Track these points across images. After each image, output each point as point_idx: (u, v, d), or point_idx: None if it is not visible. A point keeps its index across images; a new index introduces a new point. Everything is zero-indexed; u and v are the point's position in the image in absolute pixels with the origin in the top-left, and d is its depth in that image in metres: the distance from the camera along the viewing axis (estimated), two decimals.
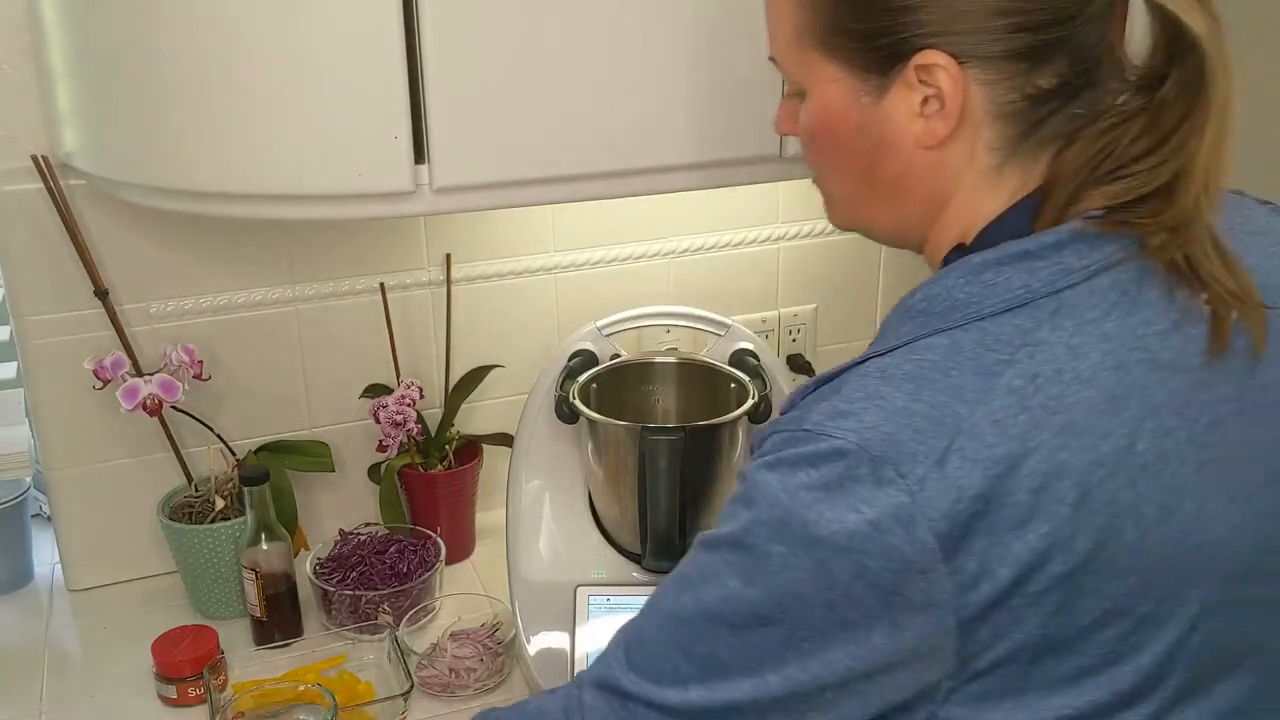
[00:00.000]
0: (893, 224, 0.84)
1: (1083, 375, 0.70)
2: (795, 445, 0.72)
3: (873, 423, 0.70)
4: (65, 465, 1.39)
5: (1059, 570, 0.69)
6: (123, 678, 1.28)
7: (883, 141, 0.78)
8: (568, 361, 1.29)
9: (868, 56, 0.76)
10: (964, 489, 0.67)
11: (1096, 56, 0.74)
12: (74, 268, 1.31)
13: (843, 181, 0.85)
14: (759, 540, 0.71)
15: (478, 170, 1.10)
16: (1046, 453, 0.68)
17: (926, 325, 0.74)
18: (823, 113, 0.81)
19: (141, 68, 1.08)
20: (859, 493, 0.68)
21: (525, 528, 1.28)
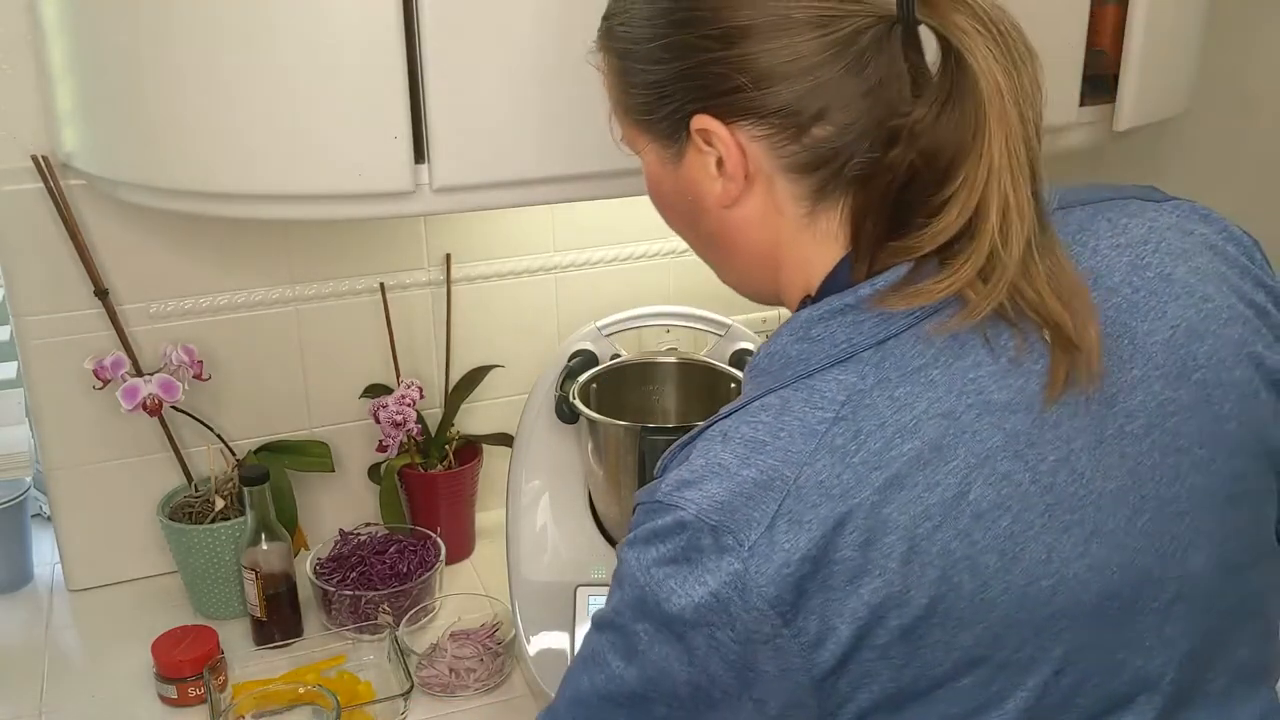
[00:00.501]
0: (741, 281, 0.86)
1: (906, 427, 0.69)
2: (649, 518, 0.72)
3: (711, 491, 0.70)
4: (65, 465, 1.39)
5: (897, 623, 0.68)
6: (123, 678, 1.28)
7: (695, 204, 0.80)
8: (568, 361, 1.29)
9: (659, 127, 0.79)
10: (790, 552, 0.67)
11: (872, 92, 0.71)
12: (74, 268, 1.31)
13: (689, 242, 0.88)
14: (627, 620, 0.72)
15: (478, 170, 1.10)
16: (869, 509, 0.67)
17: (762, 384, 0.74)
18: (649, 180, 0.85)
19: (141, 68, 1.08)
20: (704, 563, 0.68)
21: (525, 528, 1.28)
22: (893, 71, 0.72)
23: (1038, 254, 0.70)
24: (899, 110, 0.71)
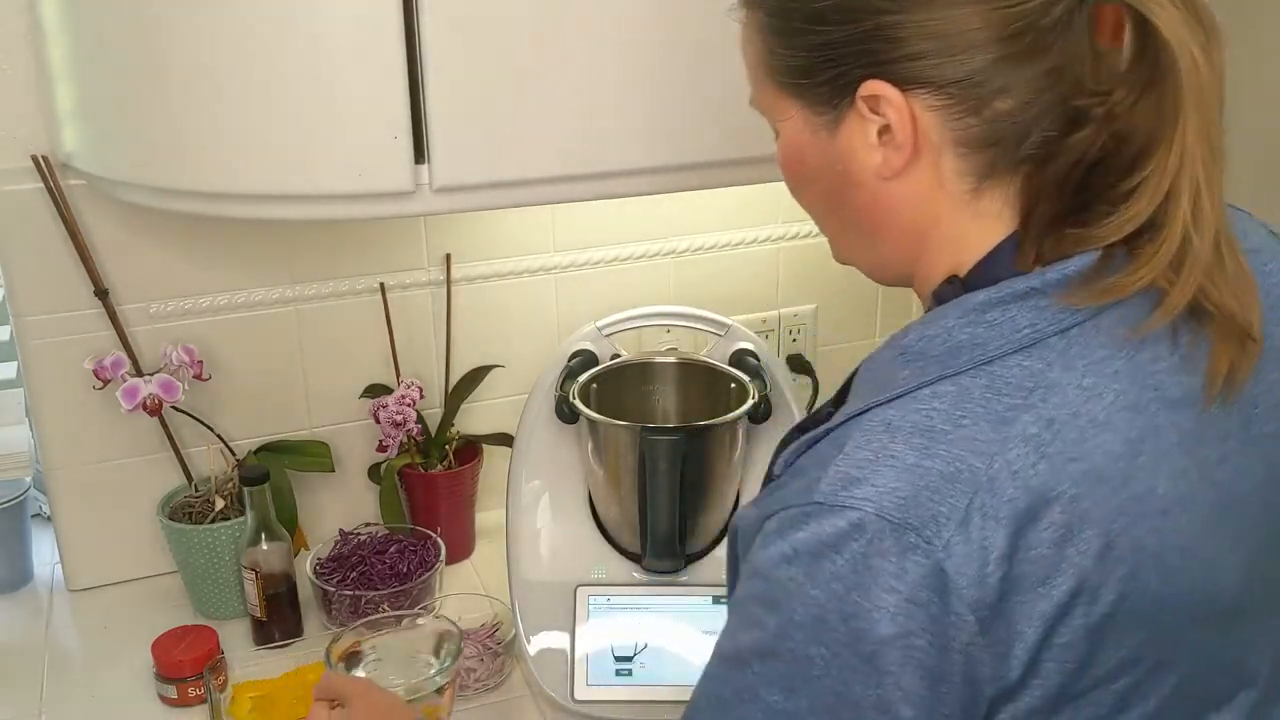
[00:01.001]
0: (876, 259, 0.81)
1: (1098, 418, 0.67)
2: (808, 524, 0.66)
3: (888, 486, 0.65)
4: (65, 465, 1.39)
5: (1081, 623, 0.66)
6: (123, 678, 1.28)
7: (846, 176, 0.76)
8: (568, 361, 1.29)
9: (817, 92, 0.74)
10: (988, 550, 0.64)
11: (1057, 70, 0.70)
12: (74, 268, 1.31)
13: (822, 219, 0.83)
14: (795, 645, 0.66)
15: (478, 170, 1.10)
16: (1068, 502, 0.65)
17: (927, 370, 0.70)
18: (788, 150, 0.80)
19: (142, 68, 1.08)
20: (888, 569, 0.64)
21: (525, 528, 1.28)
22: (1079, 49, 0.69)
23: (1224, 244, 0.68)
24: (1083, 90, 0.70)
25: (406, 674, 1.06)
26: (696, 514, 1.23)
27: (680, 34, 1.11)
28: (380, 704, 0.96)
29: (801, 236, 1.62)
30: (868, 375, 0.75)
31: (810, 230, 1.62)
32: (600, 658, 1.19)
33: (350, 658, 1.07)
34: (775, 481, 0.74)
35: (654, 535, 1.20)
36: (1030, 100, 0.70)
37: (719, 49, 1.13)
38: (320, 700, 0.96)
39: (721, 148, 1.17)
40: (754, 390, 1.24)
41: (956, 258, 0.75)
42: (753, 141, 1.18)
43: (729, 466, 1.25)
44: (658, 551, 1.21)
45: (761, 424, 1.26)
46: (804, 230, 1.62)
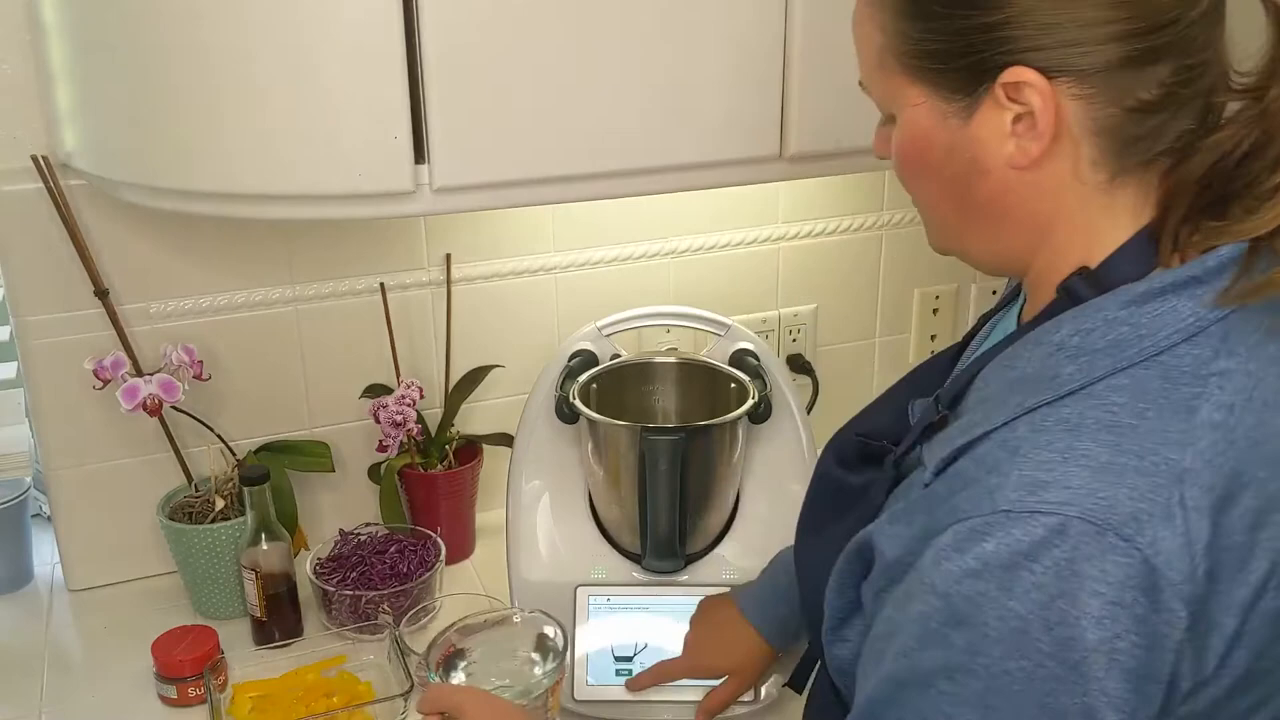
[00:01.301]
0: (992, 249, 0.79)
1: (1270, 401, 0.67)
2: (994, 534, 0.64)
3: (1084, 487, 0.63)
4: (65, 465, 1.39)
5: (1271, 605, 0.65)
6: (123, 678, 1.28)
7: (975, 164, 0.74)
8: (568, 361, 1.29)
9: (952, 77, 0.73)
10: (1195, 541, 0.63)
11: (1203, 64, 0.69)
12: (74, 268, 1.31)
13: (936, 207, 0.80)
14: (991, 660, 0.64)
15: (478, 170, 1.10)
16: (1258, 486, 0.65)
17: (1096, 365, 0.69)
18: (911, 137, 0.77)
19: (141, 68, 1.08)
20: (1092, 573, 0.62)
21: (525, 528, 1.28)
22: (1221, 44, 0.70)
23: None
24: (1226, 85, 0.70)
25: (506, 673, 1.02)
26: (696, 514, 1.23)
27: (680, 34, 1.11)
28: (498, 712, 0.93)
29: (801, 236, 1.62)
30: (1008, 375, 0.74)
31: (810, 230, 1.62)
32: (600, 658, 1.19)
33: (446, 661, 1.03)
34: (926, 492, 0.72)
35: (654, 535, 1.20)
36: (1173, 92, 0.69)
37: (719, 49, 1.14)
38: (431, 716, 0.93)
39: (721, 148, 1.17)
40: (754, 390, 1.24)
41: (1087, 250, 0.74)
42: (753, 141, 1.18)
43: (729, 466, 1.25)
44: (658, 551, 1.21)
45: (761, 424, 1.26)
46: (804, 230, 1.62)
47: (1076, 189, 0.73)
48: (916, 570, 0.69)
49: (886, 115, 0.80)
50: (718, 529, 1.27)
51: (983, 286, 1.74)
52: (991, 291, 1.74)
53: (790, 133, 1.19)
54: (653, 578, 1.24)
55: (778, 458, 1.28)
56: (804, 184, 1.58)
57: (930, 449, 0.76)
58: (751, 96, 1.16)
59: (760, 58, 1.15)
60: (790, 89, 1.17)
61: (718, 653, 1.16)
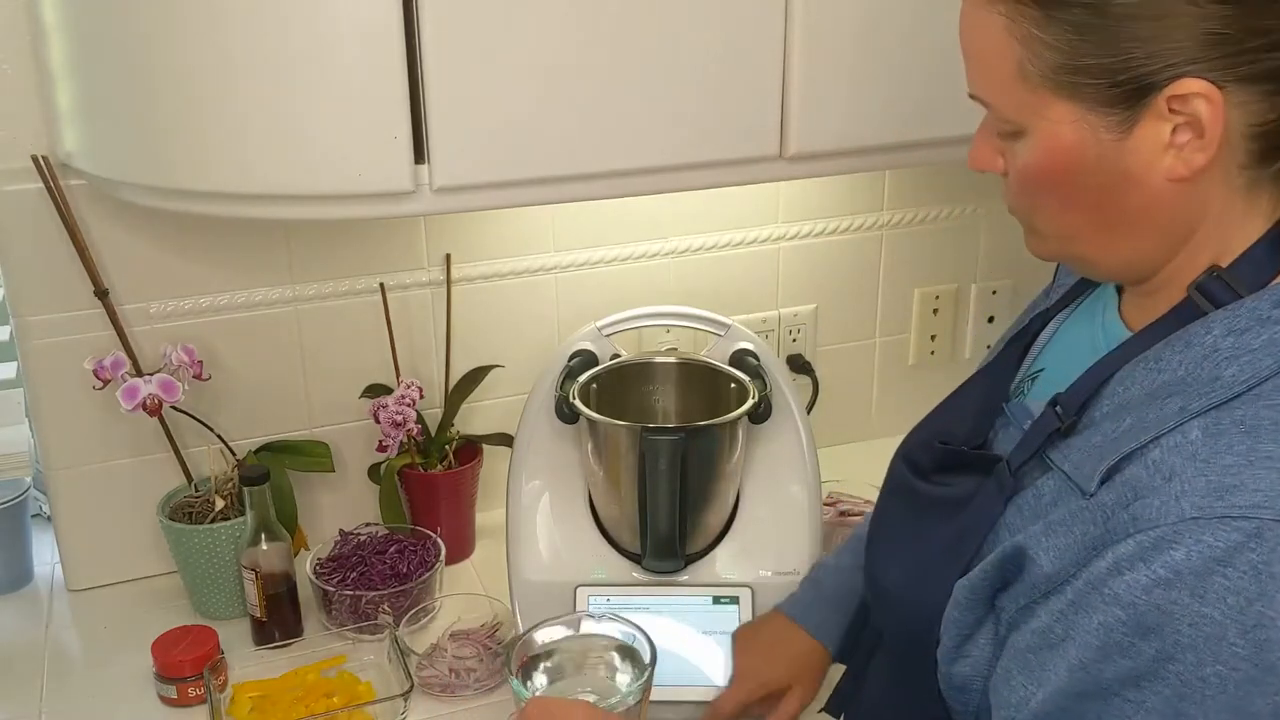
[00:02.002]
0: (1124, 257, 0.78)
1: None
2: (1182, 542, 0.64)
3: (1273, 489, 0.64)
4: (65, 465, 1.39)
5: None
6: (123, 678, 1.28)
7: (1126, 177, 0.73)
8: (568, 361, 1.29)
9: (1111, 92, 0.71)
10: None
11: None
12: (74, 268, 1.31)
13: (1065, 218, 0.78)
14: (1184, 668, 0.64)
15: (478, 170, 1.10)
16: None
17: (1259, 364, 0.69)
18: (1051, 153, 0.74)
19: (141, 68, 1.08)
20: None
21: (525, 528, 1.28)
22: None
23: None
24: None
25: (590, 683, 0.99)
26: (696, 514, 1.23)
27: (680, 34, 1.11)
28: None
29: (801, 236, 1.62)
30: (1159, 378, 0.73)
31: (810, 230, 1.62)
32: None
33: (525, 668, 0.99)
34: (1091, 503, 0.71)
35: (654, 535, 1.20)
36: None
37: (719, 49, 1.14)
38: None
39: (721, 148, 1.17)
40: (754, 390, 1.24)
41: (1220, 250, 0.74)
42: (753, 141, 1.18)
43: (729, 466, 1.25)
44: (658, 551, 1.21)
45: (761, 424, 1.26)
46: (804, 230, 1.62)
47: (1223, 194, 0.73)
48: (1088, 582, 0.68)
49: (1010, 129, 0.77)
50: (718, 529, 1.27)
51: (983, 286, 1.74)
52: (991, 291, 1.74)
53: (790, 133, 1.19)
54: (653, 578, 1.24)
55: (778, 458, 1.28)
56: (804, 184, 1.58)
57: (1072, 456, 0.75)
58: (751, 96, 1.16)
59: (760, 58, 1.15)
60: (790, 89, 1.17)
61: (777, 665, 1.14)
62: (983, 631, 0.79)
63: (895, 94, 1.21)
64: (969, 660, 0.81)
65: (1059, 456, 0.76)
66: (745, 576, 1.23)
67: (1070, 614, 0.70)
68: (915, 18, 1.19)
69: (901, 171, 1.63)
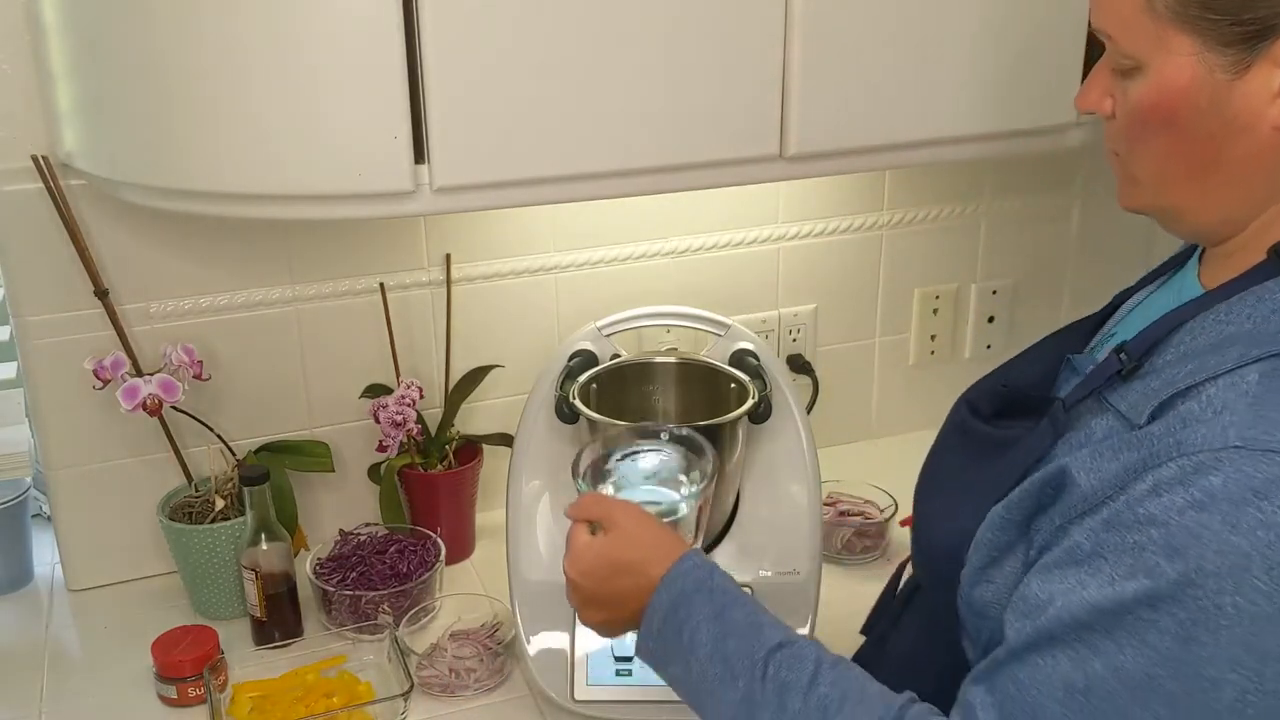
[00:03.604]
0: (1217, 209, 0.78)
1: None
2: (1225, 468, 0.65)
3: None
4: (65, 465, 1.39)
5: None
6: (123, 678, 1.27)
7: (1234, 123, 0.73)
8: (568, 361, 1.29)
9: (1233, 31, 0.71)
10: None
11: None
12: (74, 268, 1.31)
13: (1166, 163, 0.78)
14: (1202, 594, 0.64)
15: (478, 170, 1.10)
16: None
17: None
18: (1165, 89, 0.74)
19: (141, 68, 1.08)
20: None
21: (525, 528, 1.28)
22: None
23: None
24: None
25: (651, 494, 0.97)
26: None
27: (680, 34, 1.11)
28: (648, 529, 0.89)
29: (801, 236, 1.62)
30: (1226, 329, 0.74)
31: (810, 230, 1.62)
32: (600, 658, 1.19)
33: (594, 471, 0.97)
34: (1140, 433, 0.71)
35: None
36: None
37: (719, 49, 1.14)
38: (580, 522, 0.90)
39: (721, 148, 1.17)
40: (754, 390, 1.24)
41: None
42: (754, 141, 1.18)
43: (729, 466, 1.25)
44: None
45: (761, 424, 1.26)
46: (804, 230, 1.62)
47: None
48: (1125, 502, 0.69)
49: (1129, 64, 0.77)
50: (717, 529, 1.27)
51: (983, 286, 1.74)
52: (991, 291, 1.74)
53: (790, 133, 1.19)
54: None
55: (778, 458, 1.28)
56: (804, 184, 1.58)
57: (1129, 397, 0.75)
58: (752, 96, 1.16)
59: (760, 58, 1.15)
60: (790, 89, 1.17)
61: None
62: (1012, 556, 0.79)
63: (895, 94, 1.21)
64: (993, 586, 0.80)
65: (1116, 398, 0.77)
66: (745, 576, 1.23)
67: (1102, 531, 0.70)
68: (915, 17, 1.19)
69: (901, 171, 1.63)
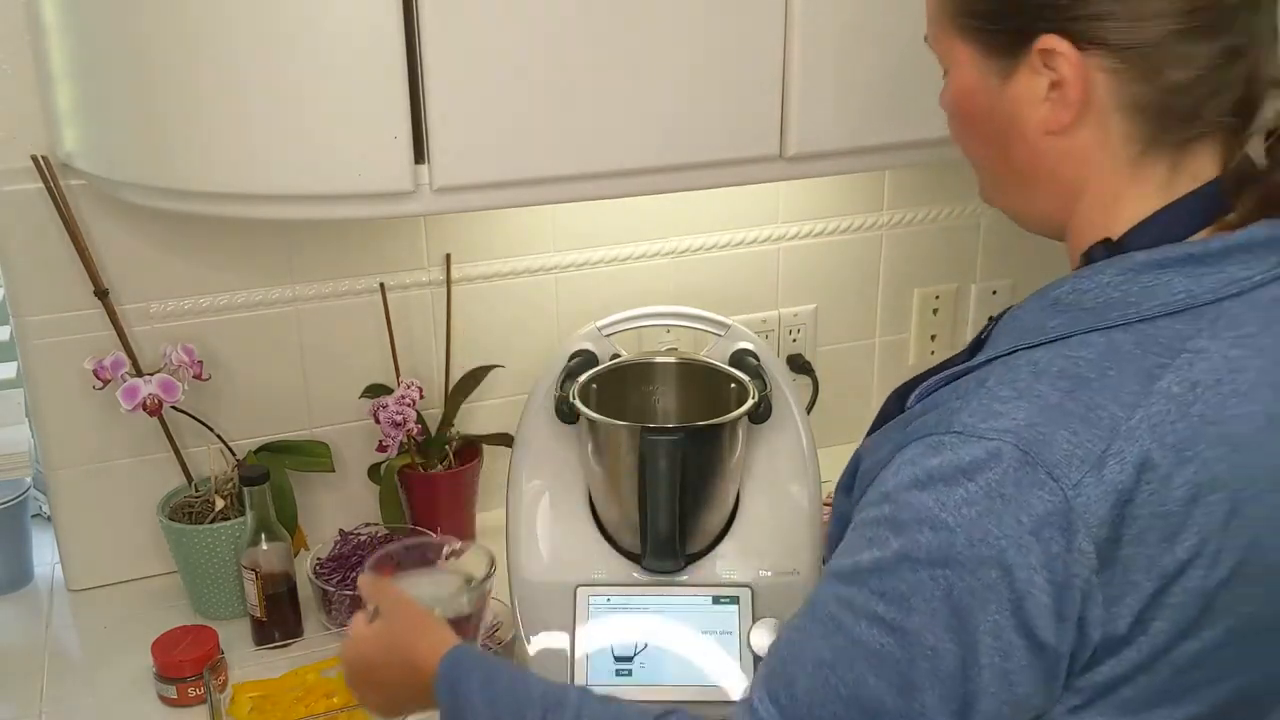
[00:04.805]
0: (1026, 208, 0.83)
1: (1241, 389, 0.68)
2: (943, 451, 0.69)
3: (1028, 421, 0.67)
4: (65, 465, 1.39)
5: (1197, 585, 0.67)
6: (123, 678, 1.27)
7: (1012, 125, 0.77)
8: (568, 361, 1.29)
9: (995, 38, 0.76)
10: (1119, 494, 0.65)
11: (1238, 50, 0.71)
12: (74, 268, 1.31)
13: (980, 163, 0.84)
14: (919, 567, 0.68)
15: (478, 170, 1.10)
16: (1201, 464, 0.67)
17: (1079, 321, 0.72)
18: (958, 93, 0.81)
19: (141, 68, 1.08)
20: (1018, 499, 0.66)
21: (525, 528, 1.28)
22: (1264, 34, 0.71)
23: None
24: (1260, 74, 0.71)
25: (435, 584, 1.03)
26: (696, 514, 1.23)
27: (680, 34, 1.11)
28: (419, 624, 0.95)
29: (801, 236, 1.62)
30: (1012, 324, 0.77)
31: (810, 230, 1.62)
32: (600, 658, 1.19)
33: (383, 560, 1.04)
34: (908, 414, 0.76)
35: (654, 535, 1.20)
36: (1204, 75, 0.71)
37: (719, 49, 1.14)
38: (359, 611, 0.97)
39: (721, 148, 1.17)
40: (754, 390, 1.24)
41: (1108, 220, 0.76)
42: (753, 141, 1.18)
43: (729, 466, 1.25)
44: (657, 551, 1.21)
45: (761, 424, 1.26)
46: (804, 230, 1.62)
47: (1105, 160, 0.75)
48: (879, 480, 0.73)
49: (943, 68, 0.82)
50: (717, 529, 1.27)
51: (983, 286, 1.74)
52: (991, 291, 1.74)
53: (790, 133, 1.19)
54: (653, 578, 1.23)
55: (778, 458, 1.28)
56: (804, 184, 1.58)
57: None
58: (751, 96, 1.16)
59: (760, 58, 1.15)
60: (790, 89, 1.17)
61: None
62: None
63: (895, 94, 1.21)
64: None
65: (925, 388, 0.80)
66: (745, 576, 1.23)
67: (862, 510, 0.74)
68: (914, 18, 1.19)
69: (901, 171, 1.63)
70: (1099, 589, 0.67)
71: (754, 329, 1.41)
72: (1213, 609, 0.68)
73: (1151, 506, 0.66)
